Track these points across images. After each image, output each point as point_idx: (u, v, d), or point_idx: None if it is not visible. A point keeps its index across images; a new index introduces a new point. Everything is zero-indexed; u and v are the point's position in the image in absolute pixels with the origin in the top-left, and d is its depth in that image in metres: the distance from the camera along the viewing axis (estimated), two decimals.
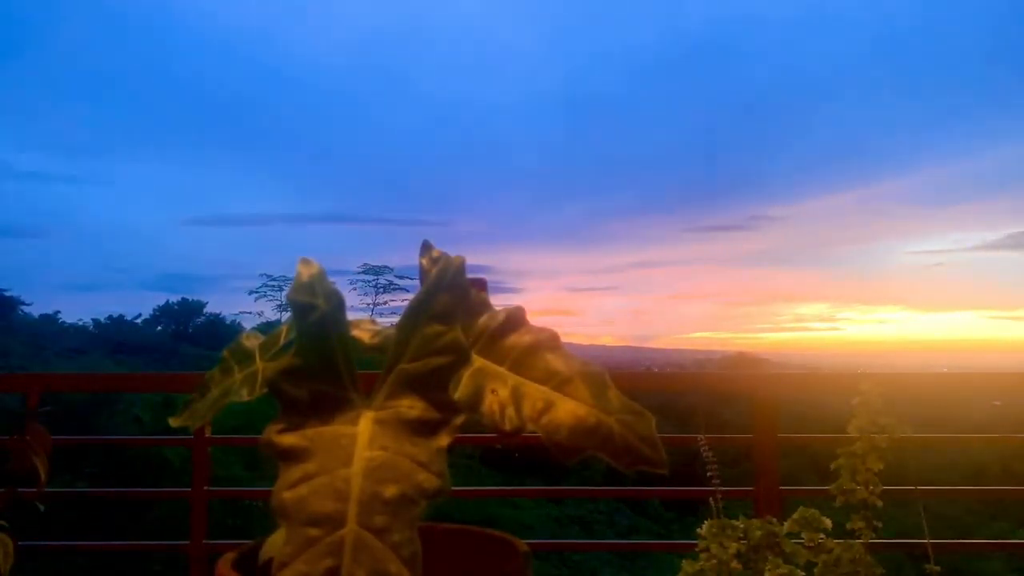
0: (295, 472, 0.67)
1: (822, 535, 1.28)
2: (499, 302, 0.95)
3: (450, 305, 0.78)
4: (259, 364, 0.94)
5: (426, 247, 0.97)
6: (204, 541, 2.02)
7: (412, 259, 0.95)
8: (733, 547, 1.26)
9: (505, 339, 0.91)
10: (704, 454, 1.49)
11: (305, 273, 0.78)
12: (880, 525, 1.33)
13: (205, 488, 2.04)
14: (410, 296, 0.82)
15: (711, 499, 1.40)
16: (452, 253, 0.86)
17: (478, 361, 0.88)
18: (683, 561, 1.28)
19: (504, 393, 0.84)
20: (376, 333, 0.91)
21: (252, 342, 0.98)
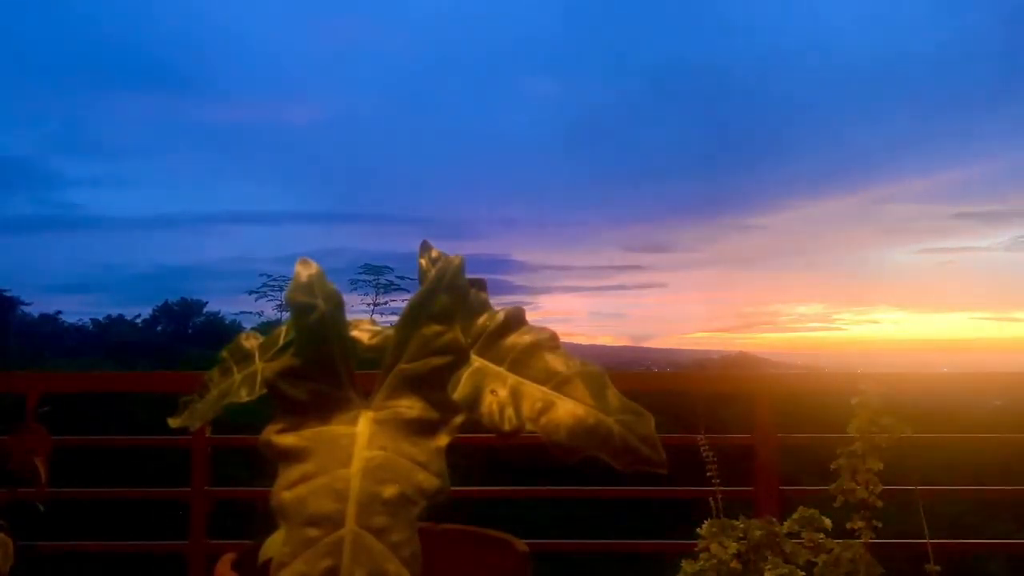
0: (294, 472, 0.68)
1: (822, 535, 1.28)
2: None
3: (449, 305, 0.78)
4: (258, 364, 0.94)
5: (425, 247, 0.97)
6: (204, 541, 2.02)
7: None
8: (733, 547, 1.26)
9: (504, 339, 0.91)
10: (704, 454, 1.49)
11: (304, 273, 0.78)
12: (880, 525, 1.33)
13: (205, 488, 2.04)
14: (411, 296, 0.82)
15: (711, 499, 1.40)
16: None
17: (477, 361, 0.88)
18: (683, 561, 1.27)
19: (503, 393, 0.84)
20: (375, 333, 0.91)
21: (251, 342, 0.98)
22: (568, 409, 0.81)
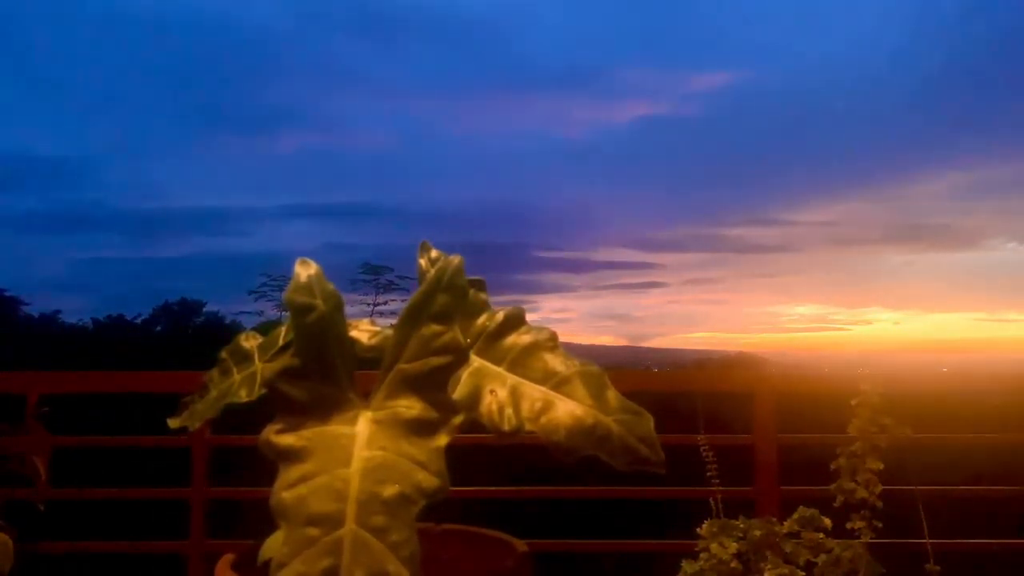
0: (294, 472, 0.68)
1: (822, 535, 1.28)
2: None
3: (448, 305, 0.78)
4: (258, 365, 0.94)
5: (424, 248, 0.97)
6: (204, 541, 2.02)
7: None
8: (733, 547, 1.26)
9: (504, 339, 0.91)
10: (704, 454, 1.49)
11: (303, 273, 0.79)
12: (880, 525, 1.33)
13: (205, 488, 2.04)
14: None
15: (711, 499, 1.40)
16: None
17: (476, 361, 0.88)
18: (683, 561, 1.28)
19: (503, 393, 0.84)
20: (375, 334, 0.91)
21: (250, 343, 0.98)
22: (567, 409, 0.81)
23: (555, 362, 0.87)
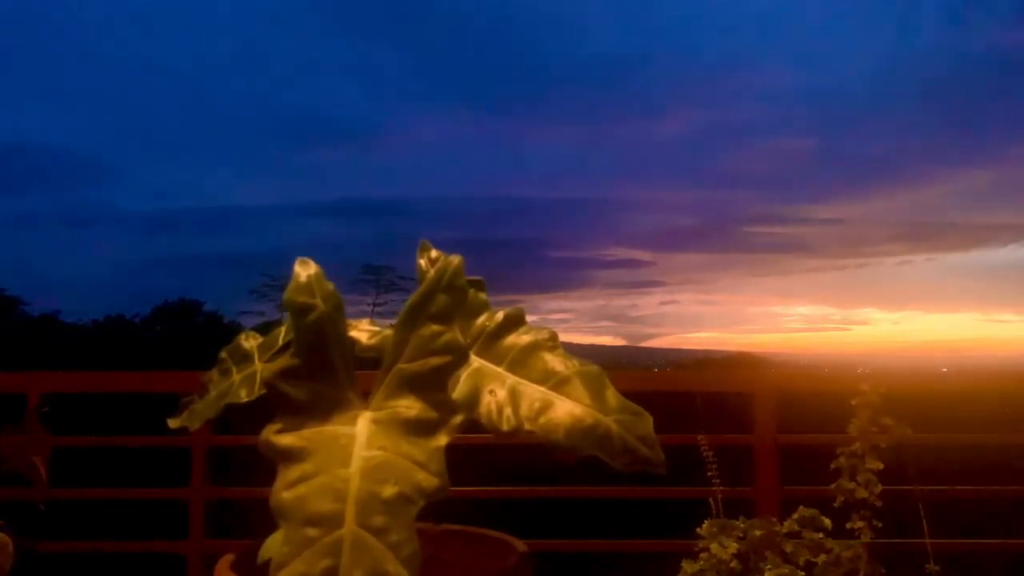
0: (294, 472, 0.68)
1: (822, 535, 1.28)
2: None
3: (448, 305, 0.78)
4: (257, 365, 0.94)
5: (424, 248, 0.97)
6: (203, 541, 2.02)
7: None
8: (733, 547, 1.26)
9: (503, 339, 0.91)
10: (704, 454, 1.49)
11: (303, 274, 0.79)
12: (880, 525, 1.33)
13: (205, 488, 2.04)
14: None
15: (711, 499, 1.40)
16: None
17: (476, 361, 0.88)
18: (683, 561, 1.28)
19: (502, 393, 0.84)
20: (374, 334, 0.91)
21: (250, 343, 0.98)
22: (566, 409, 0.81)
23: (555, 362, 0.87)
